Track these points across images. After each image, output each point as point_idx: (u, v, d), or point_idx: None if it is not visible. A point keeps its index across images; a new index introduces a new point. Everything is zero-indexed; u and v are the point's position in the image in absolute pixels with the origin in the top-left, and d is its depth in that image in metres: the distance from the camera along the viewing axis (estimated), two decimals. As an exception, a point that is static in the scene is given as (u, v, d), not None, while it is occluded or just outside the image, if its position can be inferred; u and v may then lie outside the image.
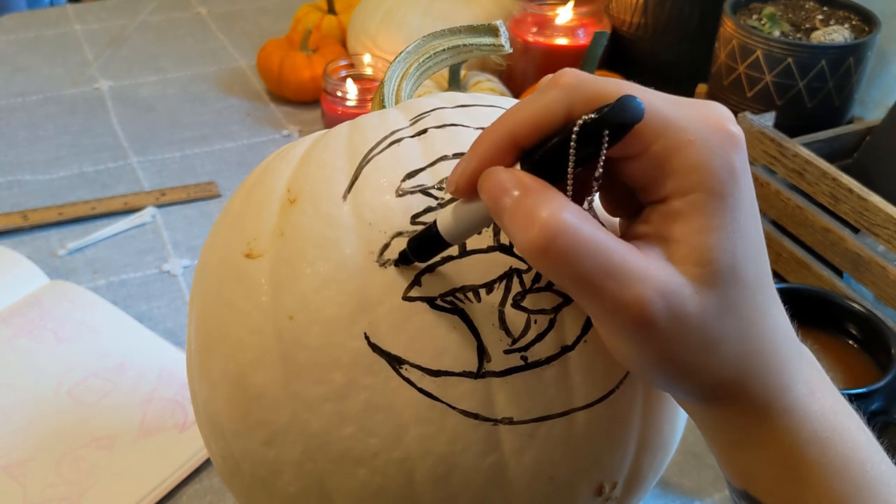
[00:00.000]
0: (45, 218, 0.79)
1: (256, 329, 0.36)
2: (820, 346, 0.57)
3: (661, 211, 0.29)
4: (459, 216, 0.32)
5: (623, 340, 0.29)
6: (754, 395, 0.31)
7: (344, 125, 0.40)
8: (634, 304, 0.28)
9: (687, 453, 0.58)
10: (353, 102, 0.88)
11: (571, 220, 0.27)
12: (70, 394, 0.60)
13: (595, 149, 0.28)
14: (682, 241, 0.29)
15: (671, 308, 0.28)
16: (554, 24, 0.91)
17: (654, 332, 0.28)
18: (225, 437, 0.38)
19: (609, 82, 0.29)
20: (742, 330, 0.30)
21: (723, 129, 0.29)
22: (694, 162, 0.28)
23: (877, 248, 0.64)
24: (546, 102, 0.29)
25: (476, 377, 0.34)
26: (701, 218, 0.29)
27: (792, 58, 0.75)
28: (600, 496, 0.37)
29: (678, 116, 0.29)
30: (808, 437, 0.31)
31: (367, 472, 0.35)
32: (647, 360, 0.30)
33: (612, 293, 0.28)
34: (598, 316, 0.29)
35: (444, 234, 0.32)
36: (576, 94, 0.29)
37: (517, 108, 0.30)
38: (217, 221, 0.42)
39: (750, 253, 0.30)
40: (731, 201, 0.29)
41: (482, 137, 0.30)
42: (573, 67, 0.30)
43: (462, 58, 0.45)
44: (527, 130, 0.29)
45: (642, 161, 0.29)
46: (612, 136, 0.27)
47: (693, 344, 0.29)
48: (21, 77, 1.03)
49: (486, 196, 0.29)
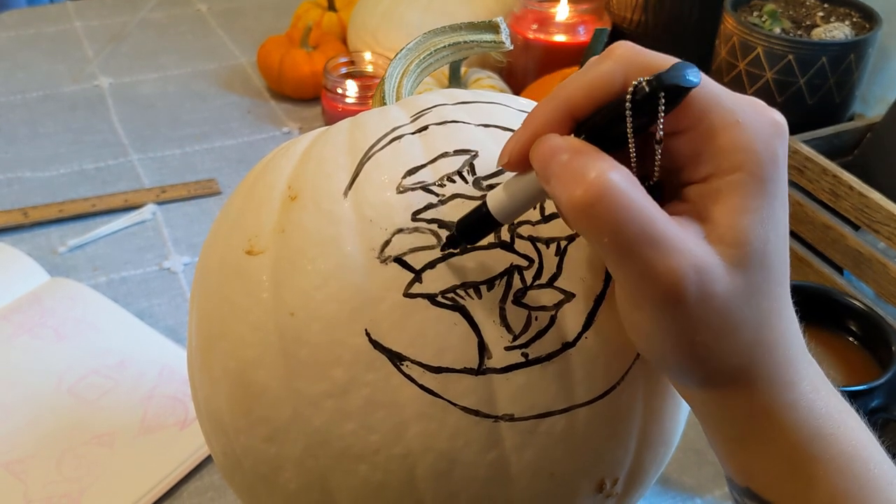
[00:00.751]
0: (45, 215, 0.79)
1: (257, 326, 0.36)
2: (820, 343, 0.57)
3: (701, 190, 0.29)
4: (511, 192, 0.31)
5: (646, 313, 0.29)
6: (759, 386, 0.31)
7: (345, 122, 0.40)
8: (669, 275, 0.27)
9: (688, 450, 0.58)
10: (354, 99, 0.88)
11: (619, 181, 0.27)
12: (71, 391, 0.60)
13: (649, 116, 0.28)
14: (720, 221, 0.29)
15: (703, 285, 0.28)
16: (554, 21, 0.91)
17: (682, 308, 0.28)
18: (226, 433, 0.38)
19: (663, 56, 0.29)
20: (760, 319, 0.30)
21: (769, 117, 0.30)
22: (739, 143, 0.28)
23: (877, 245, 0.64)
24: (601, 73, 0.29)
25: (477, 374, 0.34)
26: (740, 199, 0.29)
27: (792, 55, 0.75)
28: (601, 492, 0.37)
29: (728, 98, 0.29)
30: (812, 433, 0.31)
31: (368, 469, 0.35)
32: (667, 337, 0.29)
33: (649, 261, 0.27)
34: (629, 283, 0.29)
35: (495, 213, 0.32)
36: (631, 65, 0.29)
37: (571, 80, 0.30)
38: (218, 218, 0.42)
39: (780, 243, 0.30)
40: (770, 187, 0.29)
41: (536, 110, 0.30)
42: (573, 65, 0.30)
43: (463, 55, 0.45)
44: (581, 101, 0.29)
45: (689, 137, 0.29)
46: (667, 101, 0.27)
47: (715, 326, 0.29)
48: (21, 74, 1.03)
49: (537, 162, 0.29)
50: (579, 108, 0.29)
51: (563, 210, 0.28)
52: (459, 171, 0.36)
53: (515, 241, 0.35)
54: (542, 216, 0.36)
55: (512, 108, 0.40)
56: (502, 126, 0.38)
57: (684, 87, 0.27)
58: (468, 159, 0.37)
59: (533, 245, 0.35)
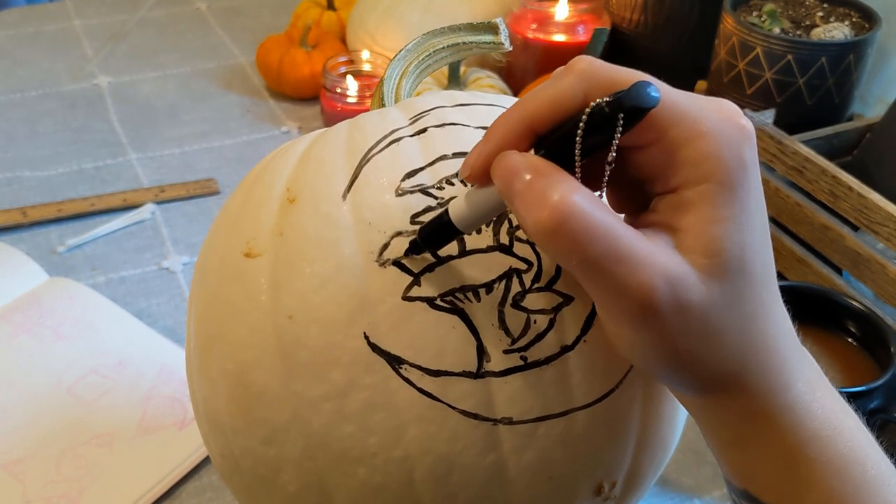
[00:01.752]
0: (44, 214, 0.78)
1: (256, 328, 0.36)
2: (819, 344, 0.57)
3: (671, 201, 0.30)
4: (473, 202, 0.32)
5: (626, 327, 0.29)
6: (754, 391, 0.31)
7: (343, 124, 0.40)
8: (640, 289, 0.28)
9: (686, 451, 0.58)
10: (353, 99, 0.88)
11: (582, 203, 0.27)
12: (69, 391, 0.60)
13: (608, 134, 0.28)
14: (691, 231, 0.29)
15: (676, 295, 0.28)
16: (553, 21, 0.91)
17: (658, 319, 0.28)
18: (225, 434, 0.38)
19: (624, 70, 0.29)
20: (745, 323, 0.30)
21: (734, 122, 0.29)
22: (706, 153, 0.28)
23: (876, 245, 0.64)
24: (562, 88, 0.29)
25: (476, 377, 0.34)
26: (711, 208, 0.29)
27: (792, 55, 0.75)
28: (600, 495, 0.37)
29: (691, 108, 0.29)
30: (808, 435, 0.31)
31: (366, 471, 0.35)
32: (649, 347, 0.30)
33: (619, 278, 0.28)
34: (603, 301, 0.29)
35: (456, 222, 0.32)
36: (592, 81, 0.29)
37: (533, 95, 0.30)
38: (216, 220, 0.41)
39: (758, 246, 0.30)
40: (740, 193, 0.29)
41: (497, 123, 0.30)
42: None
43: (462, 55, 0.45)
44: (542, 116, 0.29)
45: (653, 151, 0.29)
46: (626, 121, 0.27)
47: (695, 333, 0.29)
48: (20, 72, 1.03)
49: (498, 179, 0.29)
50: (540, 122, 0.29)
51: (529, 232, 0.28)
52: (458, 174, 0.36)
53: (514, 244, 0.35)
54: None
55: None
56: (501, 128, 0.38)
57: (644, 108, 0.27)
58: (467, 162, 0.36)
59: (532, 248, 0.35)
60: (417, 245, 0.34)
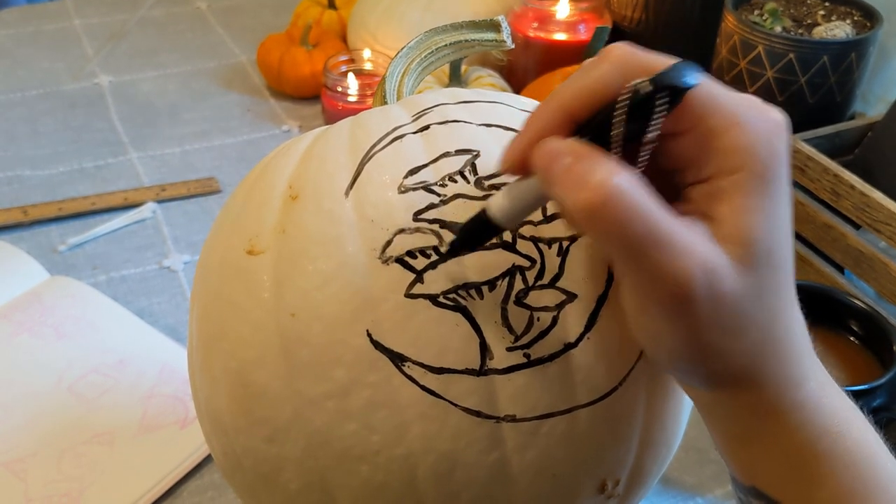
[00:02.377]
0: (44, 213, 0.78)
1: (258, 326, 0.36)
2: (822, 343, 0.57)
3: (704, 190, 0.29)
4: (513, 196, 0.31)
5: (655, 315, 0.29)
6: (768, 386, 0.31)
7: (346, 121, 0.40)
8: (678, 276, 0.27)
9: (689, 449, 0.58)
10: (354, 98, 0.88)
11: (624, 184, 0.27)
12: (71, 390, 0.60)
13: (649, 115, 0.27)
14: (726, 220, 0.29)
15: (712, 285, 0.28)
16: (555, 19, 0.90)
17: (691, 308, 0.28)
18: (226, 433, 0.38)
19: (660, 56, 0.29)
20: (768, 318, 0.30)
21: (769, 115, 0.30)
22: (742, 143, 0.28)
23: (878, 244, 0.64)
24: (599, 75, 0.29)
25: (478, 375, 0.34)
26: (745, 198, 0.29)
27: (793, 53, 0.75)
28: (603, 493, 0.37)
29: (728, 99, 0.29)
30: (818, 432, 0.31)
31: (369, 469, 0.35)
32: (676, 338, 0.29)
33: (657, 263, 0.27)
34: (637, 286, 0.29)
35: (498, 218, 0.32)
36: (629, 66, 0.29)
37: (569, 83, 0.30)
38: (218, 218, 0.41)
39: (784, 240, 0.30)
40: (773, 185, 0.29)
41: (535, 113, 0.30)
42: (574, 64, 0.30)
43: (463, 53, 0.45)
44: (580, 104, 0.29)
45: (688, 139, 0.29)
46: (668, 100, 0.27)
47: (724, 326, 0.29)
48: (21, 72, 1.03)
49: (538, 166, 0.29)
50: (578, 110, 0.29)
51: (570, 215, 0.28)
52: (461, 170, 0.36)
53: (517, 241, 0.35)
54: (544, 216, 0.36)
55: (514, 107, 0.40)
56: (504, 126, 0.38)
57: (682, 88, 0.27)
58: (470, 159, 0.36)
59: (535, 245, 0.35)
60: (457, 247, 0.34)
